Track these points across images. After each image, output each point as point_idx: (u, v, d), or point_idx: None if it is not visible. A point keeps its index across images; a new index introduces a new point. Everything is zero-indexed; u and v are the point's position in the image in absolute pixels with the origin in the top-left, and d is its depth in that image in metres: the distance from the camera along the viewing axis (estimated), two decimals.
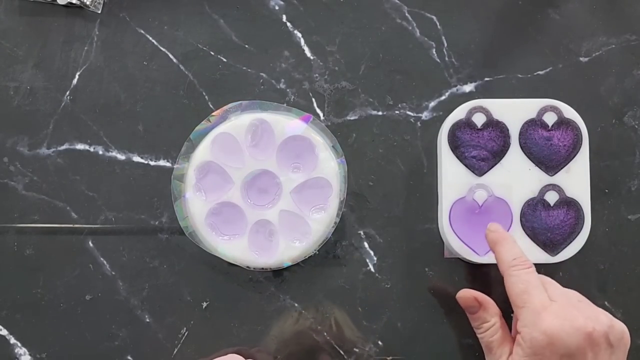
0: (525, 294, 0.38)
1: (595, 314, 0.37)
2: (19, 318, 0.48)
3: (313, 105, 0.50)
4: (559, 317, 0.36)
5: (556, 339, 0.36)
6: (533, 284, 0.39)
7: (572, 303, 0.38)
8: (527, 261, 0.40)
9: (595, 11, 0.50)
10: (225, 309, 0.48)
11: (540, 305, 0.37)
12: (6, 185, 0.49)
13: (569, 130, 0.46)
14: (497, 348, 0.39)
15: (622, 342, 0.37)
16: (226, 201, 0.47)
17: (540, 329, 0.36)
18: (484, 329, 0.40)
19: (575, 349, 0.36)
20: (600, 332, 0.36)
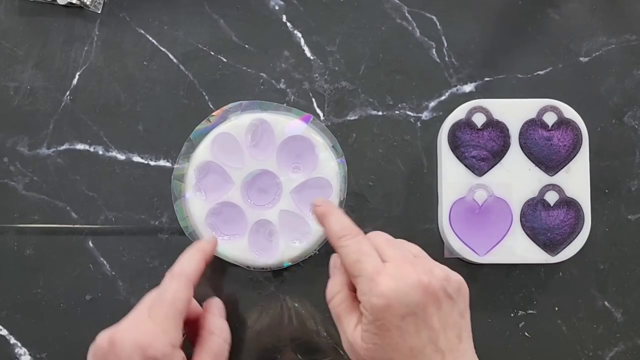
0: (357, 263, 0.37)
1: (430, 267, 0.37)
2: (19, 318, 0.48)
3: (313, 105, 0.50)
4: (394, 278, 0.36)
5: (393, 300, 0.35)
6: (364, 251, 0.38)
7: (407, 260, 0.37)
8: (354, 229, 0.39)
9: (595, 11, 0.50)
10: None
11: (374, 270, 0.36)
12: (6, 185, 0.49)
13: (569, 130, 0.46)
14: (344, 317, 0.38)
15: (460, 293, 0.37)
16: (226, 201, 0.47)
17: (377, 293, 0.35)
18: (330, 297, 0.39)
19: (415, 307, 0.35)
20: (437, 285, 0.36)
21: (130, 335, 0.37)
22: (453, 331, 0.36)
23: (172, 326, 0.38)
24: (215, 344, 0.41)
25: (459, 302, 0.37)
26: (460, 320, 0.37)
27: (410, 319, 0.35)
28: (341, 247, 0.38)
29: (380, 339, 0.35)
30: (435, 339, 0.35)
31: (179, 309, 0.38)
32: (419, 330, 0.35)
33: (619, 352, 0.48)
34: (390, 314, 0.35)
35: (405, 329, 0.35)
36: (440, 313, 0.36)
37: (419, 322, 0.35)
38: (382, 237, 0.39)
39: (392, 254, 0.37)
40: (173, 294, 0.39)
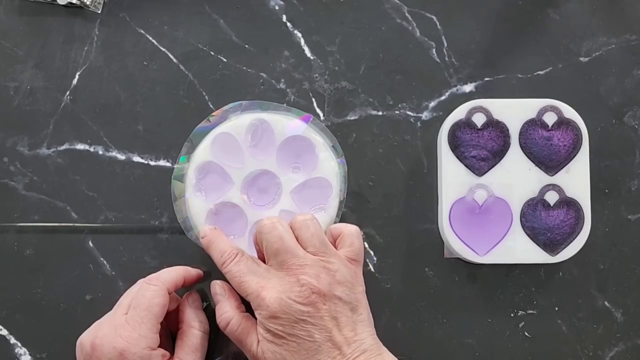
0: (242, 285, 0.40)
1: (317, 272, 0.39)
2: (19, 318, 0.48)
3: (313, 105, 0.50)
4: (276, 290, 0.39)
5: (279, 312, 0.38)
6: (243, 271, 0.41)
7: (296, 264, 0.39)
8: (232, 252, 0.42)
9: (595, 11, 0.50)
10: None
11: (258, 286, 0.39)
12: (6, 185, 0.49)
13: (569, 130, 0.46)
14: (245, 339, 0.40)
15: (351, 290, 0.39)
16: (226, 201, 0.47)
17: (264, 307, 0.38)
18: (225, 324, 0.41)
19: (301, 314, 0.38)
20: (323, 289, 0.38)
21: (110, 341, 0.39)
22: (347, 327, 0.38)
23: (148, 330, 0.40)
24: (195, 336, 0.43)
25: (350, 299, 0.39)
26: (353, 315, 0.39)
27: (300, 325, 0.38)
28: (226, 273, 0.42)
29: (277, 347, 0.38)
30: (329, 337, 0.38)
31: (155, 314, 0.41)
32: (311, 334, 0.38)
33: (619, 352, 0.48)
34: (280, 324, 0.38)
35: (297, 335, 0.38)
36: (330, 314, 0.38)
37: (309, 327, 0.38)
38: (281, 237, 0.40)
39: (282, 260, 0.40)
40: (149, 299, 0.41)
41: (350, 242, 0.42)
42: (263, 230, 0.41)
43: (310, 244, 0.41)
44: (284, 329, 0.38)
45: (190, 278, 0.46)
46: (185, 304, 0.45)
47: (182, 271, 0.45)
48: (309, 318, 0.38)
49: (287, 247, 0.40)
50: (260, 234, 0.42)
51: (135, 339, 0.39)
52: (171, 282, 0.43)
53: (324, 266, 0.40)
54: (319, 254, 0.40)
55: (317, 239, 0.41)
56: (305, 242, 0.41)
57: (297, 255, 0.40)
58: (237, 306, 0.42)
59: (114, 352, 0.39)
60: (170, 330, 0.46)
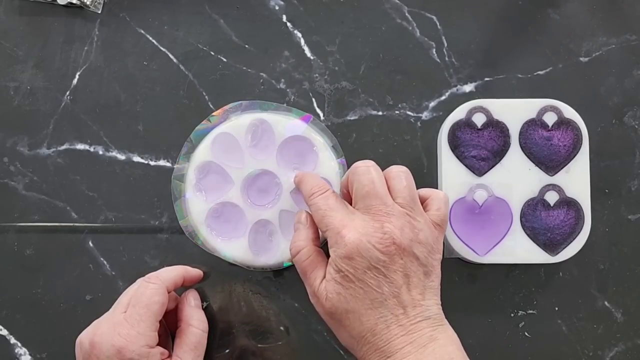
0: (325, 218, 0.39)
1: (402, 224, 0.38)
2: (19, 318, 0.48)
3: (313, 105, 0.50)
4: (358, 232, 0.37)
5: (355, 253, 0.37)
6: (331, 206, 0.39)
7: (383, 212, 0.38)
8: (323, 187, 0.41)
9: (595, 11, 0.50)
10: (225, 309, 0.48)
11: (340, 223, 0.38)
12: (6, 185, 0.49)
13: (569, 130, 0.46)
14: (310, 272, 0.40)
15: (430, 255, 0.38)
16: (226, 201, 0.47)
17: (341, 245, 0.37)
18: (296, 252, 0.41)
19: (377, 262, 0.37)
20: (403, 243, 0.37)
21: (108, 339, 0.39)
22: (417, 289, 0.38)
23: (146, 328, 0.40)
24: (193, 335, 0.43)
25: (426, 263, 0.38)
26: (425, 280, 0.38)
27: (372, 273, 0.37)
28: (311, 205, 0.40)
29: (343, 289, 0.37)
30: (397, 293, 0.37)
31: (153, 312, 0.41)
32: (380, 284, 0.37)
33: (619, 352, 0.48)
34: (353, 266, 0.37)
35: (367, 282, 0.37)
36: (403, 270, 0.37)
37: (381, 277, 0.37)
38: (373, 181, 0.39)
39: (370, 204, 0.39)
40: (148, 298, 0.41)
41: (437, 207, 0.41)
42: (356, 172, 0.40)
43: (401, 196, 0.39)
44: (356, 272, 0.37)
45: (190, 278, 0.46)
46: (184, 303, 0.45)
47: (182, 271, 0.45)
48: (383, 268, 0.37)
49: (377, 191, 0.39)
50: (352, 175, 0.40)
51: (134, 337, 0.39)
52: (171, 281, 0.43)
53: (410, 221, 0.38)
54: (407, 208, 0.39)
55: (408, 193, 0.40)
56: (396, 192, 0.40)
57: (386, 203, 0.39)
58: (312, 238, 0.41)
59: (112, 349, 0.39)
60: (170, 329, 0.46)
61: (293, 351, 0.48)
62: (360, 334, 0.37)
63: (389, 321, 0.37)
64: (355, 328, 0.37)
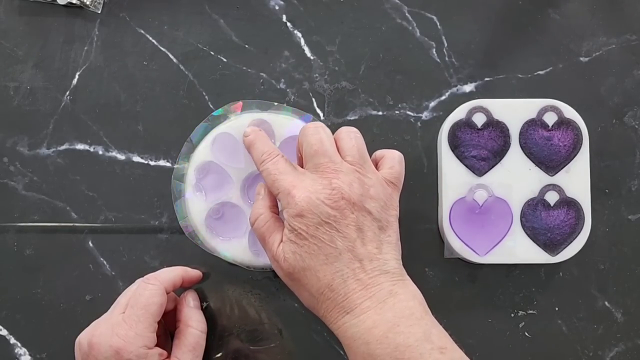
0: (276, 182, 0.40)
1: (351, 180, 0.39)
2: (19, 318, 0.48)
3: (313, 105, 0.50)
4: (307, 190, 0.38)
5: (306, 210, 0.38)
6: (280, 169, 0.40)
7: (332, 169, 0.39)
8: (273, 152, 0.42)
9: (595, 11, 0.50)
10: (225, 309, 0.48)
11: (290, 185, 0.39)
12: (6, 185, 0.49)
13: (569, 130, 0.46)
14: (268, 236, 0.40)
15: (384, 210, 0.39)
16: (226, 201, 0.47)
17: (292, 205, 0.38)
18: (254, 220, 0.41)
19: (327, 217, 0.37)
20: (353, 198, 0.38)
21: (107, 339, 0.39)
22: (372, 243, 0.38)
23: (145, 329, 0.40)
24: (192, 335, 0.43)
25: (380, 217, 0.39)
26: (380, 234, 0.39)
27: (324, 228, 0.38)
28: (262, 171, 0.41)
29: (298, 248, 0.38)
30: (351, 247, 0.37)
31: (152, 313, 0.41)
32: (332, 239, 0.37)
33: (619, 352, 0.48)
34: (305, 224, 0.38)
35: (320, 238, 0.37)
36: (356, 225, 0.38)
37: (333, 232, 0.37)
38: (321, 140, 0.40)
39: (318, 163, 0.39)
40: (146, 298, 0.41)
41: (390, 165, 0.41)
42: (305, 132, 0.41)
43: (350, 154, 0.40)
44: (308, 229, 0.38)
45: (189, 278, 0.46)
46: (183, 303, 0.45)
47: (181, 271, 0.45)
48: (334, 223, 0.38)
49: (325, 150, 0.40)
50: (301, 137, 0.41)
51: (132, 338, 0.39)
52: (169, 281, 0.43)
53: (359, 177, 0.39)
54: (356, 165, 0.40)
55: (357, 151, 0.40)
56: (345, 151, 0.40)
57: (334, 161, 0.39)
58: (270, 206, 0.42)
59: (110, 350, 0.39)
60: (169, 330, 0.46)
61: (294, 353, 0.48)
62: (319, 291, 0.38)
63: (346, 275, 0.37)
64: (313, 285, 0.38)
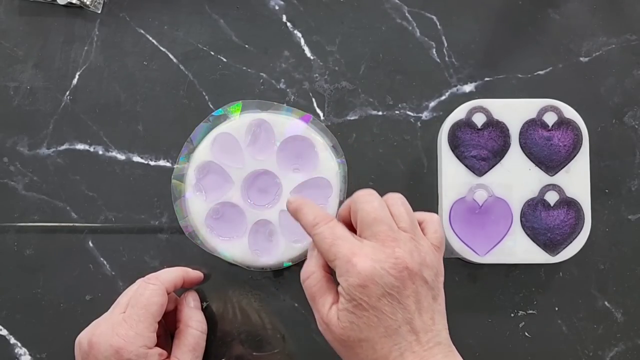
0: (332, 247, 0.38)
1: (410, 249, 0.38)
2: (19, 318, 0.48)
3: (313, 105, 0.50)
4: (370, 259, 0.37)
5: (369, 280, 0.36)
6: (338, 234, 0.39)
7: (390, 238, 0.38)
8: (326, 216, 0.40)
9: (595, 11, 0.50)
10: (225, 309, 0.48)
11: (350, 252, 0.37)
12: (6, 185, 0.49)
13: (569, 130, 0.46)
14: (319, 297, 0.39)
15: (436, 278, 0.38)
16: (226, 201, 0.47)
17: (354, 274, 0.37)
18: (305, 278, 0.40)
19: (391, 288, 0.36)
20: (414, 268, 0.37)
21: (107, 339, 0.39)
22: (427, 313, 0.37)
23: (145, 329, 0.40)
24: (192, 336, 0.43)
25: (434, 286, 0.38)
26: (434, 304, 0.38)
27: (386, 300, 0.36)
28: (316, 235, 0.39)
29: (356, 318, 0.37)
30: (410, 319, 0.36)
31: (152, 313, 0.41)
32: (394, 311, 0.36)
33: (619, 352, 0.48)
34: (367, 294, 0.36)
35: (381, 309, 0.36)
36: (415, 296, 0.37)
37: (395, 303, 0.36)
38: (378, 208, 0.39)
39: (378, 231, 0.38)
40: (147, 298, 0.41)
41: (434, 229, 0.40)
42: (360, 200, 0.40)
43: (403, 220, 0.39)
44: (370, 300, 0.36)
45: (190, 279, 0.46)
46: (183, 304, 0.45)
47: (182, 272, 0.45)
48: (397, 294, 0.36)
49: (384, 217, 0.38)
50: (355, 204, 0.40)
51: (132, 337, 0.39)
52: (170, 282, 0.43)
53: (416, 245, 0.38)
54: (410, 232, 0.39)
55: (409, 217, 0.39)
56: (398, 217, 0.39)
57: (393, 229, 0.38)
58: (323, 265, 0.40)
59: (110, 349, 0.39)
60: (169, 330, 0.46)
61: (294, 354, 0.48)
62: None
63: (403, 348, 0.36)
64: (368, 356, 0.37)
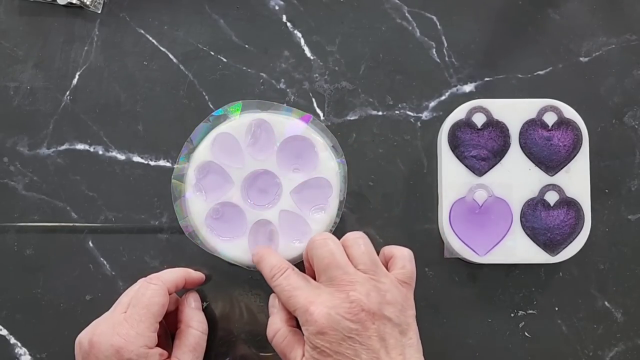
0: (291, 299, 0.39)
1: (368, 290, 0.38)
2: (19, 318, 0.48)
3: (313, 105, 0.50)
4: (325, 306, 0.37)
5: (327, 327, 0.37)
6: (293, 285, 0.40)
7: (345, 281, 0.38)
8: (282, 266, 0.41)
9: (595, 11, 0.50)
10: (225, 309, 0.48)
11: (307, 301, 0.38)
12: (6, 185, 0.49)
13: (569, 130, 0.46)
14: (289, 352, 0.40)
15: (402, 312, 0.38)
16: (226, 201, 0.47)
17: (312, 322, 0.37)
18: (272, 336, 0.41)
19: (349, 332, 0.37)
20: (373, 308, 0.37)
21: (107, 339, 0.39)
22: (395, 350, 0.37)
23: (146, 329, 0.40)
24: (193, 336, 0.43)
25: (400, 322, 0.38)
26: (402, 339, 0.38)
27: (347, 344, 0.37)
28: (275, 287, 0.41)
29: None
30: (376, 358, 0.37)
31: (153, 313, 0.41)
32: (357, 353, 0.37)
33: (619, 352, 0.48)
34: (327, 341, 0.37)
35: (343, 353, 0.37)
36: (378, 335, 0.37)
37: (357, 345, 0.37)
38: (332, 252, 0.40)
39: (332, 276, 0.39)
40: (148, 299, 0.41)
41: (402, 265, 0.41)
42: (314, 246, 0.40)
43: (361, 262, 0.39)
44: (331, 346, 0.37)
45: (192, 280, 0.46)
46: (184, 304, 0.45)
47: (184, 273, 0.45)
48: (357, 336, 0.37)
49: (337, 262, 0.39)
50: (311, 250, 0.41)
51: (133, 337, 0.39)
52: (172, 282, 0.43)
53: (375, 285, 0.38)
54: (370, 272, 0.39)
55: (368, 257, 0.40)
56: (357, 259, 0.40)
57: (348, 272, 0.39)
58: (286, 320, 0.41)
59: (111, 349, 0.39)
60: (170, 331, 0.46)
61: None
62: None
63: None
64: None
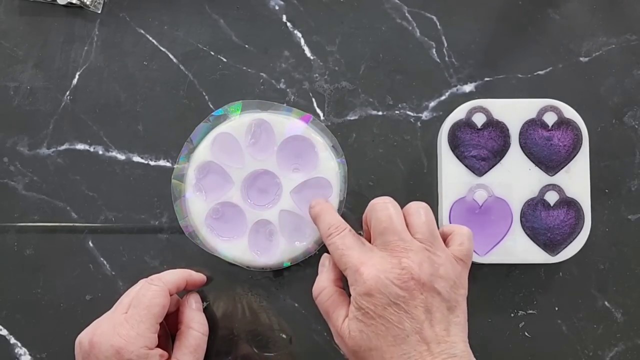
0: (343, 257, 0.39)
1: (421, 259, 0.37)
2: (19, 318, 0.48)
3: (313, 105, 0.50)
4: (376, 268, 0.37)
5: (374, 290, 0.37)
6: (348, 244, 0.39)
7: (402, 248, 0.38)
8: (340, 226, 0.41)
9: (595, 11, 0.50)
10: (225, 309, 0.48)
11: (358, 261, 0.38)
12: (6, 185, 0.49)
13: (569, 130, 0.46)
14: (332, 312, 0.39)
15: (453, 289, 0.38)
16: (226, 201, 0.47)
17: (360, 283, 0.37)
18: (317, 294, 0.41)
19: (396, 298, 0.36)
20: (423, 279, 0.37)
21: (108, 339, 0.39)
22: (440, 324, 0.37)
23: (146, 329, 0.40)
24: (193, 337, 0.43)
25: (449, 298, 0.38)
26: (449, 315, 0.38)
27: (392, 309, 0.36)
28: (329, 245, 0.40)
29: (365, 327, 0.37)
30: (419, 329, 0.36)
31: (154, 314, 0.41)
32: (401, 320, 0.36)
33: (619, 352, 0.48)
34: (373, 303, 0.37)
35: (388, 318, 0.36)
36: (425, 306, 0.37)
37: (401, 313, 0.36)
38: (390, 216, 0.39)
39: (387, 240, 0.38)
40: (149, 299, 0.41)
41: (460, 242, 0.40)
42: (373, 208, 0.40)
43: (420, 231, 0.39)
44: (376, 309, 0.37)
45: (193, 282, 0.46)
46: (185, 305, 0.45)
47: (185, 274, 0.45)
48: (403, 304, 0.36)
49: (395, 227, 0.39)
50: (370, 212, 0.40)
51: (133, 338, 0.39)
52: (173, 283, 0.43)
53: (429, 256, 0.38)
54: (426, 243, 0.39)
55: (427, 228, 0.39)
56: (415, 227, 0.39)
57: (404, 239, 0.38)
58: (334, 280, 0.41)
59: (111, 350, 0.39)
60: (171, 332, 0.46)
61: (295, 354, 0.48)
62: None
63: (413, 358, 0.36)
64: None
